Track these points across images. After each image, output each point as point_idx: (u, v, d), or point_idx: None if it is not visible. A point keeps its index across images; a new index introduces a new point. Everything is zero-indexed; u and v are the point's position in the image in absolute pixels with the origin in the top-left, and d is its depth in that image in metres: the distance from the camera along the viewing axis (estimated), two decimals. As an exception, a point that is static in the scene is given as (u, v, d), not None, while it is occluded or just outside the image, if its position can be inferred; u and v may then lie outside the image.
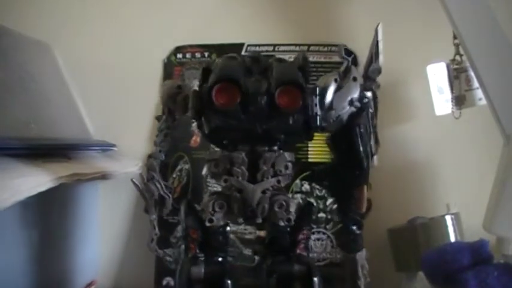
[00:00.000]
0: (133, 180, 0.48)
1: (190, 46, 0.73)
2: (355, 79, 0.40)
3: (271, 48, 0.71)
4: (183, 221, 0.43)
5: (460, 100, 0.63)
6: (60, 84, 0.72)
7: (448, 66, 0.64)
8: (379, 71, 0.43)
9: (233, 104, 0.37)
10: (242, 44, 0.71)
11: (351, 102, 0.40)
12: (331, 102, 0.40)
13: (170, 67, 0.73)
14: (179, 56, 0.73)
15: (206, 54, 0.72)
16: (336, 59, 0.70)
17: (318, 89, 0.40)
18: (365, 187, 0.41)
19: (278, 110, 0.37)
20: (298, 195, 0.67)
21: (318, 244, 0.67)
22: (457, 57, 0.63)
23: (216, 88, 0.37)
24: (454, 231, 0.59)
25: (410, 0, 0.70)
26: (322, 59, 0.70)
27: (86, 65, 0.74)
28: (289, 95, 0.37)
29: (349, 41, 0.70)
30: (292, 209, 0.40)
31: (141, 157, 0.72)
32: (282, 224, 0.39)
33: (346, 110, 0.41)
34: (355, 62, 0.70)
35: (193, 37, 0.73)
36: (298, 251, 0.40)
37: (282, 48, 0.71)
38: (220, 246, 0.42)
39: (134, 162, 0.69)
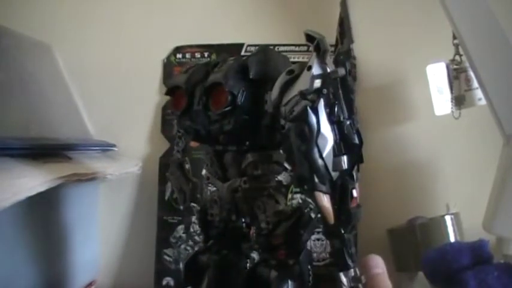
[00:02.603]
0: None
1: (190, 46, 0.73)
2: (309, 68, 0.35)
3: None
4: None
5: (459, 100, 0.63)
6: (60, 84, 0.72)
7: (447, 67, 0.64)
8: (347, 53, 0.39)
9: (180, 108, 0.40)
10: (242, 44, 0.71)
11: (303, 95, 0.34)
12: (279, 97, 0.36)
13: (170, 67, 0.73)
14: (179, 56, 0.73)
15: (206, 54, 0.72)
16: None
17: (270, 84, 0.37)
18: (321, 195, 0.33)
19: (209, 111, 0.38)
20: (298, 196, 0.67)
21: (318, 244, 0.67)
22: (457, 58, 0.63)
23: (173, 94, 0.41)
24: (454, 231, 0.59)
25: (410, 0, 0.70)
26: (322, 59, 0.70)
27: (86, 65, 0.74)
28: (215, 96, 0.38)
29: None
30: (269, 212, 0.39)
31: (141, 157, 0.72)
32: (262, 225, 0.39)
33: (299, 105, 0.34)
34: (354, 62, 0.70)
35: (193, 37, 0.73)
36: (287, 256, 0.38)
37: (281, 48, 0.71)
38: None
39: (134, 162, 0.69)
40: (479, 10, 0.52)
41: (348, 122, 0.34)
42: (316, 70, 0.35)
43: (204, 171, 0.69)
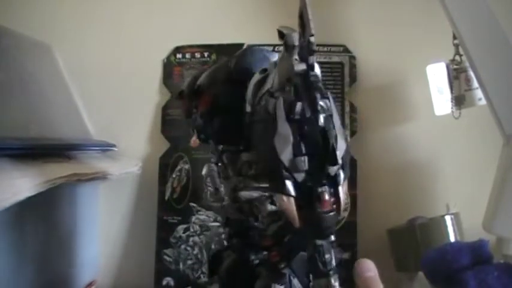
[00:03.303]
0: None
1: (190, 46, 0.73)
2: (275, 65, 0.35)
3: (270, 48, 0.71)
4: None
5: (459, 100, 0.63)
6: (60, 84, 0.72)
7: (447, 67, 0.64)
8: (307, 47, 0.36)
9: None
10: (242, 44, 0.71)
11: (271, 94, 0.34)
12: (253, 96, 0.36)
13: (170, 67, 0.73)
14: (179, 56, 0.73)
15: (206, 54, 0.72)
16: (336, 59, 0.70)
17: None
18: (283, 197, 0.32)
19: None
20: None
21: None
22: (457, 58, 0.63)
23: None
24: (454, 231, 0.59)
25: (410, 0, 0.70)
26: (322, 59, 0.70)
27: (86, 65, 0.74)
28: (202, 99, 0.39)
29: (349, 41, 0.71)
30: (263, 211, 0.38)
31: (141, 157, 0.72)
32: (259, 226, 0.39)
33: (270, 103, 0.34)
34: (354, 62, 0.70)
35: (193, 37, 0.73)
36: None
37: (281, 48, 0.71)
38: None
39: (134, 162, 0.69)
40: (479, 10, 0.52)
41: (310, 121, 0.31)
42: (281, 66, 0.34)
43: (204, 171, 0.69)
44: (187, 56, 0.73)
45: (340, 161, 0.31)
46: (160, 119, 0.73)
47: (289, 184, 0.31)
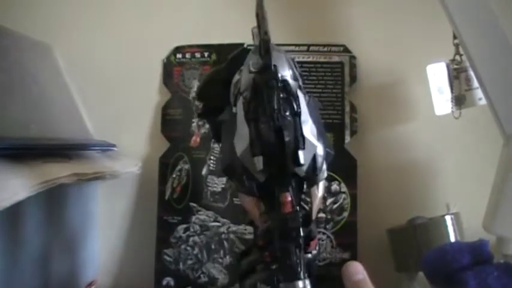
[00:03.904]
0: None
1: (190, 46, 0.73)
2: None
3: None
4: None
5: (460, 100, 0.63)
6: (60, 84, 0.72)
7: (448, 66, 0.64)
8: (264, 46, 0.33)
9: None
10: (242, 44, 0.71)
11: (240, 94, 0.34)
12: (232, 96, 0.36)
13: (170, 67, 0.73)
14: (179, 56, 0.73)
15: (206, 54, 0.72)
16: (336, 59, 0.70)
17: None
18: (244, 197, 0.32)
19: None
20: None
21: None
22: (457, 57, 0.63)
23: None
24: (454, 231, 0.59)
25: (410, 0, 0.70)
26: (322, 59, 0.70)
27: (86, 65, 0.74)
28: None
29: (349, 41, 0.71)
30: (261, 211, 0.38)
31: (141, 157, 0.72)
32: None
33: (238, 102, 0.34)
34: (355, 62, 0.70)
35: (192, 37, 0.73)
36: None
37: (282, 48, 0.71)
38: None
39: (134, 162, 0.69)
40: (479, 10, 0.52)
41: (267, 121, 0.31)
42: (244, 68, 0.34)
43: (204, 171, 0.70)
44: (187, 56, 0.73)
45: (302, 161, 0.31)
46: (160, 119, 0.73)
47: (250, 184, 0.31)
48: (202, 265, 0.68)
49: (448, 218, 0.60)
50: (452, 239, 0.59)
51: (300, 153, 0.31)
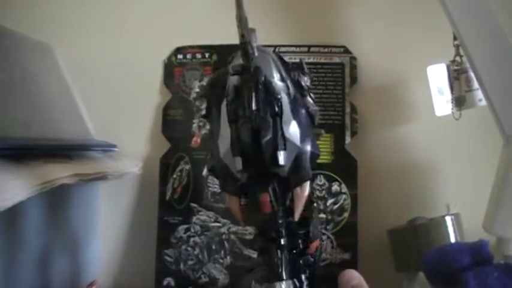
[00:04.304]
0: None
1: (191, 47, 0.73)
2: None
3: (271, 49, 0.71)
4: None
5: (460, 101, 0.63)
6: (61, 84, 0.72)
7: (448, 67, 0.64)
8: (244, 48, 0.34)
9: None
10: (243, 45, 0.71)
11: (227, 96, 0.35)
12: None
13: (170, 68, 0.73)
14: (180, 56, 0.73)
15: (207, 55, 0.72)
16: (336, 60, 0.70)
17: None
18: (227, 196, 0.32)
19: None
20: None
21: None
22: (457, 58, 0.63)
23: None
24: (454, 231, 0.59)
25: (410, 1, 0.70)
26: (323, 60, 0.70)
27: (87, 65, 0.74)
28: None
29: (350, 42, 0.71)
30: None
31: (142, 157, 0.73)
32: None
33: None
34: (355, 63, 0.70)
35: (193, 38, 0.73)
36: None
37: (282, 49, 0.71)
38: None
39: (135, 163, 0.69)
40: (479, 11, 0.52)
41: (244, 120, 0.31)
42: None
43: (204, 172, 0.70)
44: (188, 56, 0.73)
45: (282, 162, 0.31)
46: (161, 119, 0.73)
47: (232, 184, 0.32)
48: (203, 265, 0.68)
49: (448, 219, 0.60)
50: (453, 239, 0.59)
51: (280, 153, 0.31)
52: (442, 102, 0.64)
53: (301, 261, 0.37)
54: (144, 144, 0.74)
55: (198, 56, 0.72)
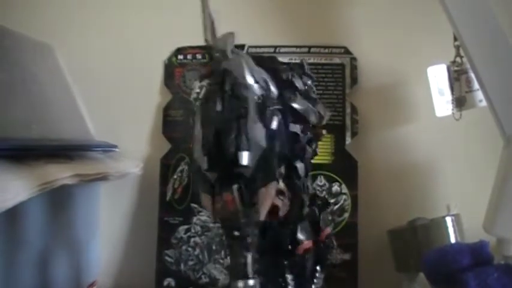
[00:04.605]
0: None
1: (191, 47, 0.73)
2: None
3: (272, 49, 0.71)
4: None
5: (460, 102, 0.63)
6: (61, 85, 0.72)
7: (448, 68, 0.64)
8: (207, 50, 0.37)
9: None
10: (243, 46, 0.72)
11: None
12: None
13: (171, 68, 0.73)
14: (180, 57, 0.73)
15: (207, 55, 0.72)
16: (337, 60, 0.70)
17: None
18: (202, 195, 0.33)
19: None
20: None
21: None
22: (458, 59, 0.63)
23: None
24: (455, 232, 0.59)
25: (411, 2, 0.71)
26: (323, 61, 0.70)
27: (88, 66, 0.74)
28: None
29: (350, 43, 0.71)
30: None
31: (142, 158, 0.73)
32: None
33: None
34: (355, 64, 0.70)
35: (194, 38, 0.73)
36: None
37: (282, 49, 0.71)
38: None
39: (135, 163, 0.69)
40: (480, 12, 0.52)
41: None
42: None
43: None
44: (189, 57, 0.73)
45: (244, 162, 0.31)
46: (161, 120, 0.73)
47: (203, 183, 0.33)
48: (203, 266, 0.68)
49: (448, 219, 0.60)
50: (453, 240, 0.59)
51: (242, 154, 0.32)
52: (443, 103, 0.64)
53: (285, 262, 0.38)
54: (144, 144, 0.74)
55: (199, 56, 0.73)
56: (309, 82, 0.43)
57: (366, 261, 0.67)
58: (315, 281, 0.41)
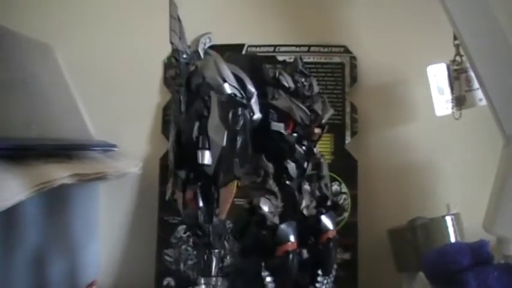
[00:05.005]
0: None
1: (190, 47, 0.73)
2: None
3: (271, 49, 0.71)
4: None
5: (460, 101, 0.63)
6: (61, 84, 0.72)
7: (448, 67, 0.64)
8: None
9: None
10: (242, 45, 0.72)
11: None
12: None
13: (170, 68, 0.73)
14: (180, 56, 0.73)
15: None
16: (337, 59, 0.70)
17: None
18: (177, 193, 0.34)
19: None
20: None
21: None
22: (457, 58, 0.63)
23: None
24: (455, 231, 0.59)
25: (410, 1, 0.70)
26: (323, 60, 0.70)
27: (87, 65, 0.74)
28: None
29: (350, 42, 0.71)
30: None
31: (142, 157, 0.72)
32: None
33: None
34: (355, 63, 0.70)
35: (193, 38, 0.73)
36: None
37: (282, 49, 0.71)
38: None
39: (135, 163, 0.69)
40: (479, 11, 0.52)
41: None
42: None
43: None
44: (188, 56, 0.73)
45: (204, 161, 0.32)
46: (161, 119, 0.73)
47: (175, 181, 0.34)
48: (203, 265, 0.68)
49: (448, 219, 0.60)
50: (453, 239, 0.59)
51: (202, 152, 0.32)
52: (442, 102, 0.64)
53: (263, 264, 0.38)
54: (144, 144, 0.74)
55: (198, 56, 0.72)
56: (302, 80, 0.42)
57: (366, 261, 0.67)
58: (317, 285, 0.41)
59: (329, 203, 0.45)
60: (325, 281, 0.41)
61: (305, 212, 0.42)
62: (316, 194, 0.44)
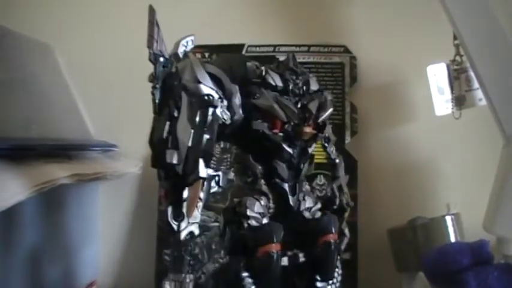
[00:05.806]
0: None
1: (191, 47, 0.73)
2: None
3: (271, 49, 0.71)
4: None
5: (460, 100, 0.63)
6: (61, 84, 0.72)
7: (448, 67, 0.64)
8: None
9: None
10: (242, 45, 0.72)
11: None
12: None
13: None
14: (180, 56, 0.73)
15: (206, 54, 0.72)
16: (336, 59, 0.70)
17: None
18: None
19: None
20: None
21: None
22: (457, 58, 0.63)
23: None
24: (455, 231, 0.59)
25: (410, 1, 0.70)
26: (323, 60, 0.70)
27: (87, 65, 0.74)
28: None
29: (350, 42, 0.71)
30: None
31: (142, 157, 0.72)
32: None
33: None
34: (355, 62, 0.70)
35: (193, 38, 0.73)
36: None
37: (282, 48, 0.71)
38: None
39: (134, 163, 0.69)
40: (479, 10, 0.52)
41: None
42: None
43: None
44: (188, 56, 0.73)
45: (171, 160, 0.33)
46: (161, 119, 0.73)
47: (160, 178, 0.35)
48: (203, 265, 0.68)
49: (448, 219, 0.60)
50: (453, 239, 0.59)
51: (169, 152, 0.33)
52: (442, 102, 0.64)
53: (241, 264, 0.37)
54: (143, 144, 0.73)
55: (198, 55, 0.72)
56: (293, 77, 0.41)
57: (366, 261, 0.66)
58: None
59: (335, 206, 0.44)
60: (328, 287, 0.40)
61: (306, 214, 0.41)
62: (327, 195, 0.43)
